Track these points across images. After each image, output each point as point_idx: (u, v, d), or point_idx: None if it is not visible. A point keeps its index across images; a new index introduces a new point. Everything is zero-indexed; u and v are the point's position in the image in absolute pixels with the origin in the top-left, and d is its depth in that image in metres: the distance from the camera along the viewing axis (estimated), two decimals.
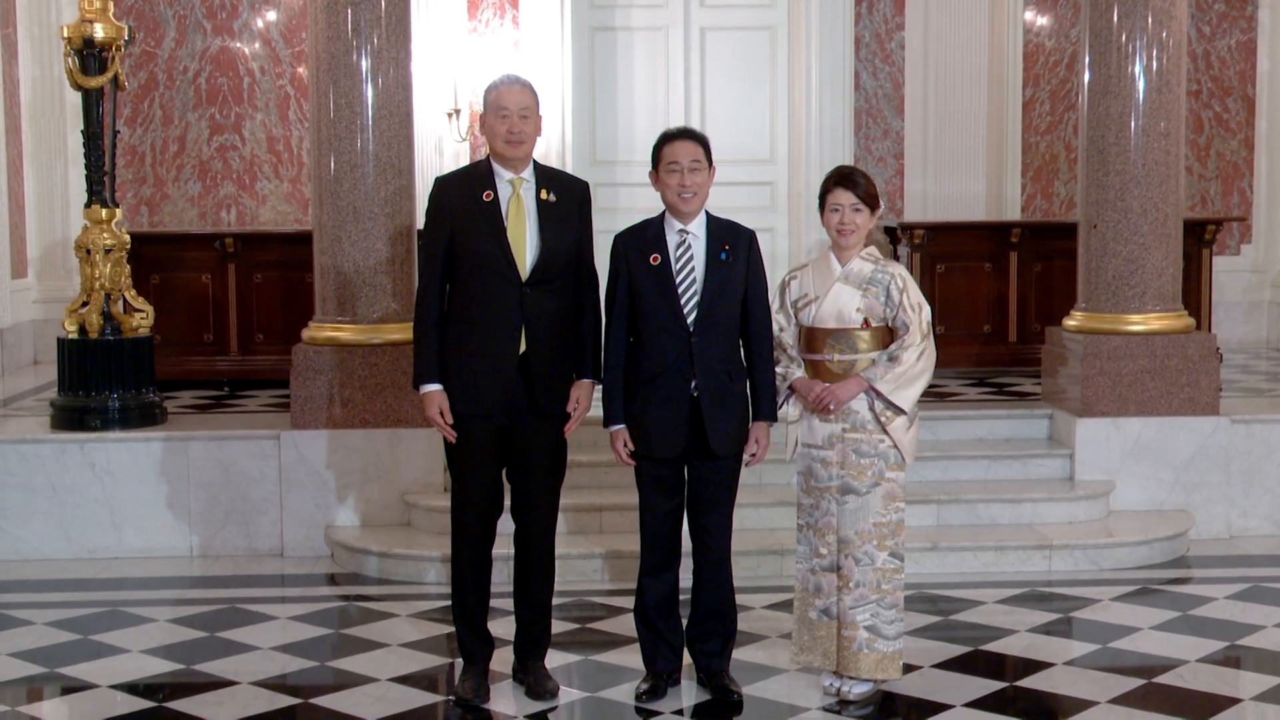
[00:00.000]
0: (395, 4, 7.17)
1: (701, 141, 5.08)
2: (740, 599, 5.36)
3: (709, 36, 11.02)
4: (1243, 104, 11.29)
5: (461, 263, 5.02)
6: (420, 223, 5.55)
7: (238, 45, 10.56)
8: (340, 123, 7.10)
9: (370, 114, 7.08)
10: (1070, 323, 7.72)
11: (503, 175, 5.08)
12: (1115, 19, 7.37)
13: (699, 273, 5.00)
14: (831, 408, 5.05)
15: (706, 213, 5.09)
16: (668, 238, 5.05)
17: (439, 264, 5.04)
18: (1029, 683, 5.33)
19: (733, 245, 5.03)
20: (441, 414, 5.03)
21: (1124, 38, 7.36)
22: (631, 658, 5.59)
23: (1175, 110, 7.44)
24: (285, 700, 5.22)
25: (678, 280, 4.99)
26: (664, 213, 5.11)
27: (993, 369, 9.44)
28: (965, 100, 10.90)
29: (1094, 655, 5.66)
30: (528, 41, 10.67)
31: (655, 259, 5.02)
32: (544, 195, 5.11)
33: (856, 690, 5.13)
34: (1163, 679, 5.37)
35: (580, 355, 5.15)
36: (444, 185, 5.16)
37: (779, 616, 6.07)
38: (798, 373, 5.14)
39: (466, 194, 5.07)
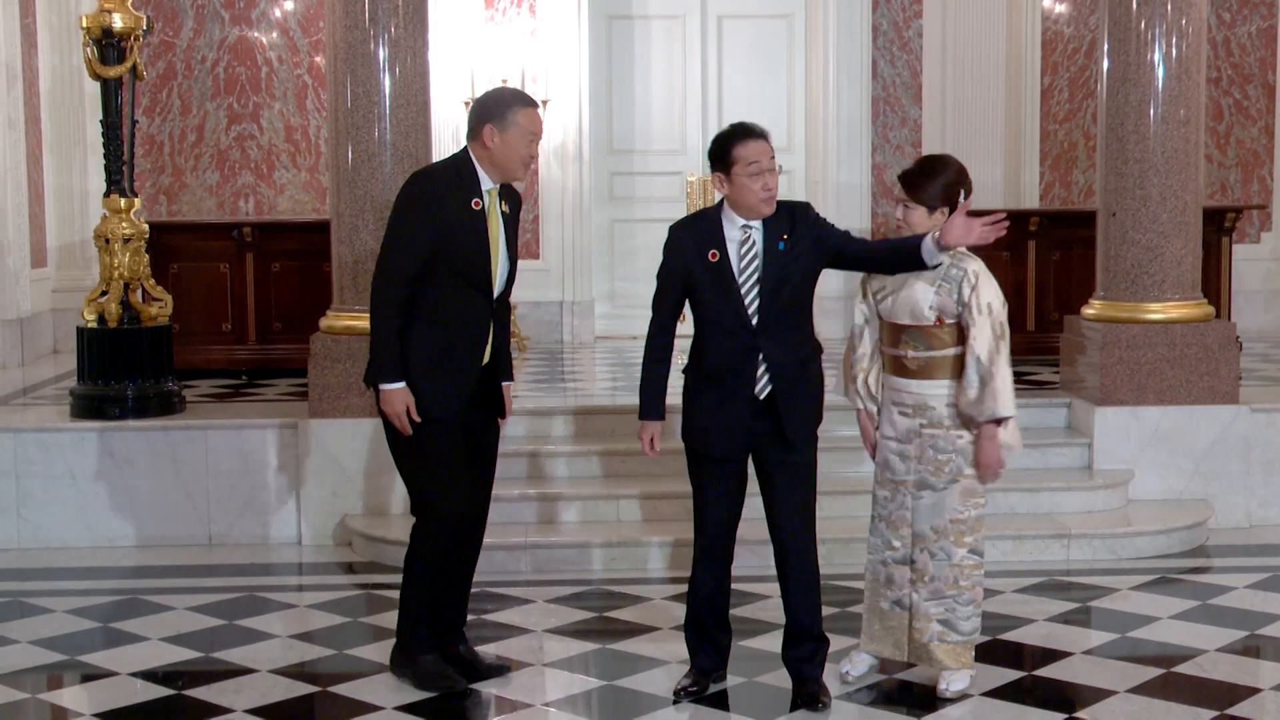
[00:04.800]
0: None
1: (768, 139, 4.87)
2: (763, 588, 5.34)
3: (726, 25, 11.01)
4: (1263, 91, 11.23)
5: (442, 267, 4.89)
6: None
7: (255, 35, 10.58)
8: (358, 112, 7.10)
9: (388, 103, 7.08)
10: (1089, 311, 7.69)
11: (485, 183, 4.98)
12: (1135, 6, 7.34)
13: (760, 267, 4.81)
14: (997, 476, 5.04)
15: None
16: (727, 233, 4.83)
17: (417, 261, 4.88)
18: (1047, 672, 5.32)
19: (790, 230, 4.82)
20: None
21: (1143, 25, 7.33)
22: (647, 646, 5.60)
23: (1195, 98, 7.41)
24: (304, 688, 5.24)
25: (740, 279, 4.80)
26: (721, 205, 4.89)
27: (1011, 357, 9.39)
28: (983, 88, 10.87)
29: (1112, 645, 5.64)
30: (544, 30, 10.66)
31: (714, 255, 4.82)
32: (504, 208, 5.07)
33: (955, 687, 5.04)
34: (1182, 668, 5.35)
35: (508, 360, 5.22)
36: (437, 182, 4.95)
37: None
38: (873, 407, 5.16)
39: (459, 197, 4.93)
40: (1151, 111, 7.34)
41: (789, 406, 4.84)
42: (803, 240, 4.83)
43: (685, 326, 4.92)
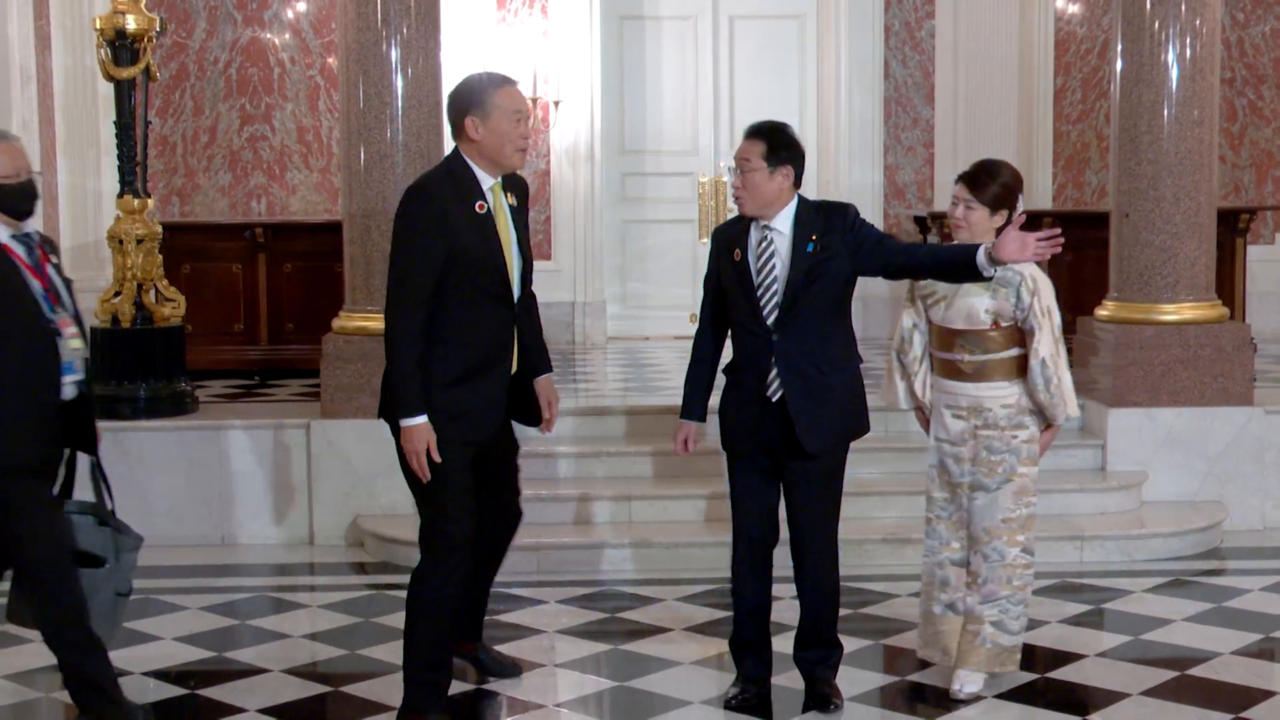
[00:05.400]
0: None
1: (765, 138, 4.75)
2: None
3: (738, 25, 11.01)
4: (1277, 92, 11.19)
5: (456, 282, 4.55)
6: None
7: (268, 36, 10.59)
8: (370, 113, 7.11)
9: (400, 104, 7.08)
10: (1102, 312, 7.67)
11: (485, 181, 4.65)
12: (1148, 6, 7.31)
13: (780, 270, 4.73)
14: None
15: (800, 199, 4.80)
16: (750, 233, 4.81)
17: (432, 281, 4.53)
18: (1060, 674, 5.31)
19: (822, 233, 4.72)
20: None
21: (1157, 25, 7.30)
22: (659, 647, 5.60)
23: (1209, 98, 7.38)
24: (316, 688, 5.24)
25: (756, 279, 4.76)
26: None
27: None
28: (996, 89, 10.85)
29: (1126, 647, 5.63)
30: (556, 30, 10.66)
31: (737, 254, 4.81)
32: (511, 200, 4.74)
33: (968, 689, 5.04)
34: (1195, 671, 5.33)
35: (539, 353, 4.94)
36: (436, 195, 4.60)
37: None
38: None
39: (462, 204, 4.59)
40: (1165, 112, 7.32)
41: (803, 412, 4.75)
42: (835, 243, 4.73)
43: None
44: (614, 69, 10.92)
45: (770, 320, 4.75)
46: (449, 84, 5.66)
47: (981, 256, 4.57)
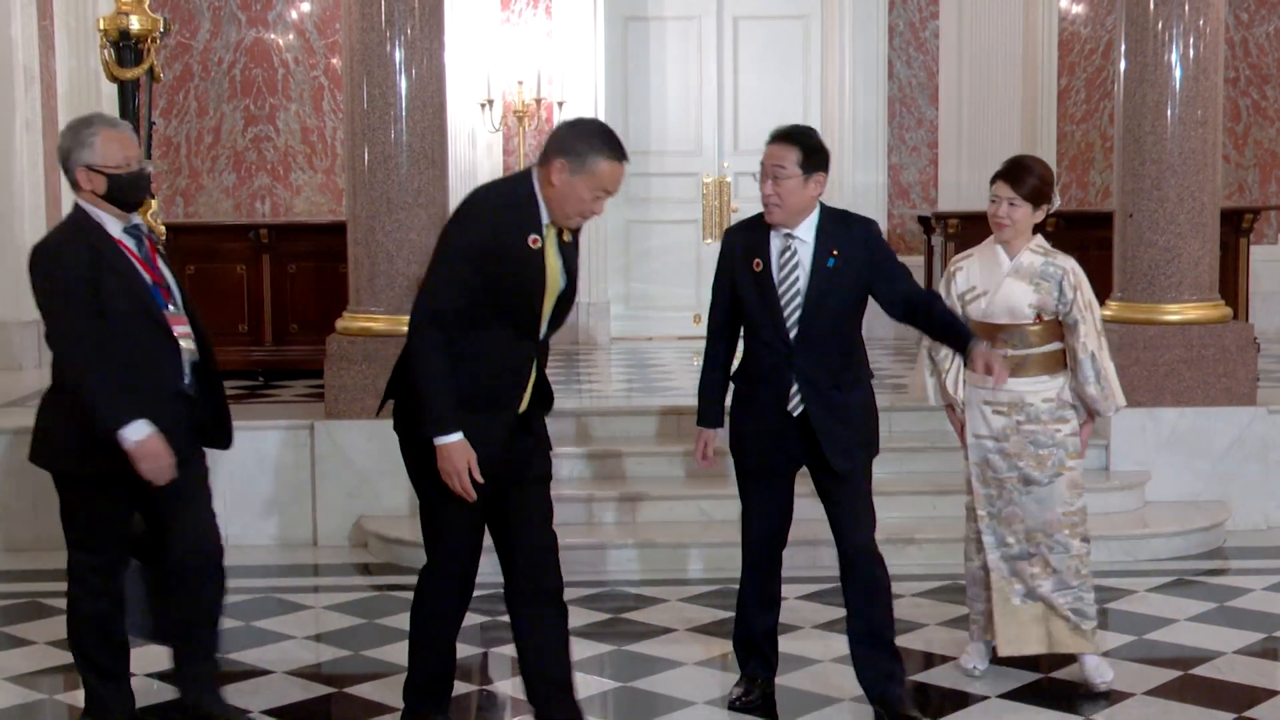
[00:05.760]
0: None
1: (799, 143, 4.60)
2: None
3: (742, 25, 11.01)
4: None
5: (485, 306, 4.23)
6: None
7: (272, 36, 10.60)
8: (374, 114, 7.11)
9: (404, 105, 7.09)
10: (1105, 312, 7.62)
11: (544, 217, 4.28)
12: (1152, 6, 7.31)
13: (803, 283, 4.62)
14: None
15: (822, 206, 4.68)
16: (772, 242, 4.66)
17: (466, 298, 4.20)
18: (1063, 674, 5.30)
19: (844, 248, 4.61)
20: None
21: (1160, 25, 7.30)
22: (664, 648, 5.61)
23: (1212, 98, 7.38)
24: (320, 689, 5.24)
25: (780, 291, 4.62)
26: None
27: None
28: (1000, 89, 10.85)
29: (1129, 646, 5.63)
30: (560, 31, 10.67)
31: (758, 264, 4.65)
32: (565, 237, 4.38)
33: (1107, 675, 5.13)
34: (1199, 670, 5.33)
35: (549, 396, 4.49)
36: (501, 211, 4.24)
37: (813, 608, 6.06)
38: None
39: (518, 232, 4.24)
40: (1169, 112, 7.32)
41: (826, 429, 4.66)
42: (857, 259, 4.64)
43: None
44: (618, 70, 10.93)
45: (792, 335, 4.64)
46: (453, 85, 5.69)
47: (973, 345, 4.61)
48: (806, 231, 4.66)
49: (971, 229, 9.47)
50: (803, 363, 4.64)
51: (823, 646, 5.51)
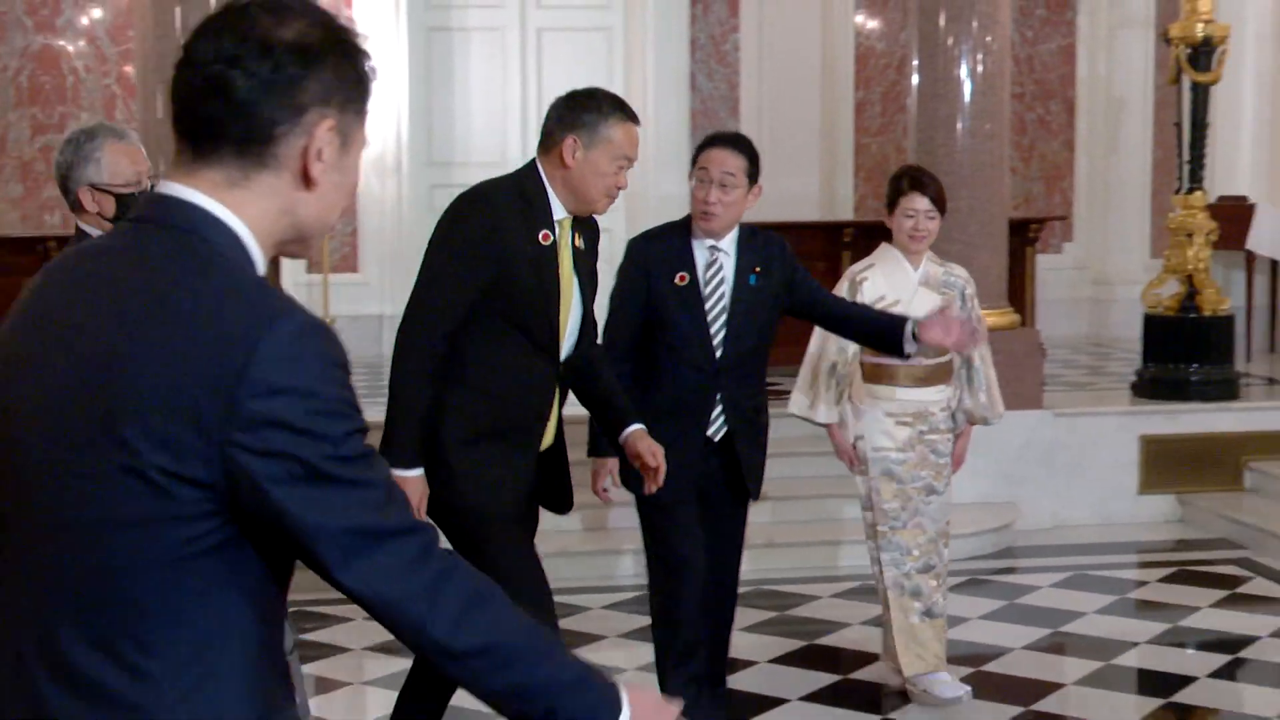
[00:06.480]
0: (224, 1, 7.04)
1: (746, 152, 4.37)
2: (585, 599, 5.27)
3: (546, 37, 11.03)
4: (1064, 107, 11.63)
5: (496, 318, 3.74)
6: None
7: (61, 43, 10.28)
8: (169, 123, 6.93)
9: None
10: None
11: (558, 211, 3.82)
12: (942, 23, 7.54)
13: (728, 299, 4.34)
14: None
15: (740, 225, 4.44)
16: (695, 253, 4.36)
17: (463, 310, 3.71)
18: (862, 675, 5.42)
19: (764, 265, 4.38)
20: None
21: (950, 41, 7.53)
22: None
23: (1000, 113, 7.64)
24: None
25: (707, 306, 4.33)
26: (688, 220, 4.41)
27: None
28: (799, 102, 11.06)
29: None
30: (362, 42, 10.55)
31: (683, 278, 4.31)
32: (579, 242, 3.90)
33: (965, 689, 5.13)
34: (990, 667, 5.51)
35: (616, 407, 4.06)
36: (497, 208, 3.78)
37: (619, 617, 6.09)
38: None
39: (525, 229, 3.76)
40: (959, 125, 7.54)
41: (747, 455, 4.41)
42: (777, 278, 4.41)
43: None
44: (421, 80, 10.86)
45: (718, 355, 4.34)
46: None
47: (908, 331, 4.28)
48: (730, 245, 4.41)
49: None
50: (727, 383, 4.36)
51: (626, 655, 5.54)
